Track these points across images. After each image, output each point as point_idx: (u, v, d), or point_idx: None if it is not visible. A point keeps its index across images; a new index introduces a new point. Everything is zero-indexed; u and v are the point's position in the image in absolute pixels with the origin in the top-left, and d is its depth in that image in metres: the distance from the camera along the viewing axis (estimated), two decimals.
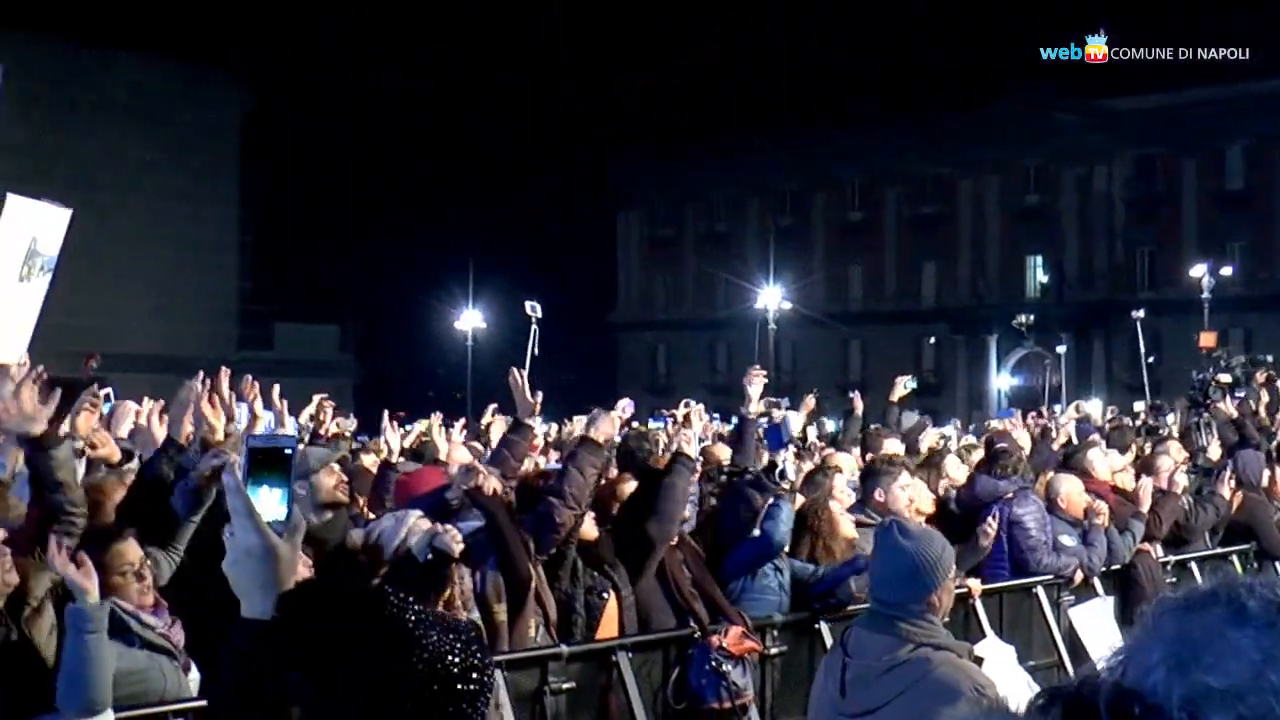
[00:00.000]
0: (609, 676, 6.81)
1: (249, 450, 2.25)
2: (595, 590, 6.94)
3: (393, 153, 75.46)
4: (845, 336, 63.50)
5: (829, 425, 17.95)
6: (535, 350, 13.23)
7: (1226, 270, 48.47)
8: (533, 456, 9.72)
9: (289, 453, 2.27)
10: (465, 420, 14.70)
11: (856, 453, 10.72)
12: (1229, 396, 14.02)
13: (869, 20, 66.41)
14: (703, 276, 67.69)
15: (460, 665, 1.82)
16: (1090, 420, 15.81)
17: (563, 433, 12.44)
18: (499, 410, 12.70)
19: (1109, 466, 10.56)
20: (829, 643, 7.21)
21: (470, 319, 54.58)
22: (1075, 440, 12.44)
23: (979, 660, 4.12)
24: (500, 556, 6.33)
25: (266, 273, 62.12)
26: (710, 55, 72.08)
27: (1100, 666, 1.37)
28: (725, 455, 9.18)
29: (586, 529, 6.91)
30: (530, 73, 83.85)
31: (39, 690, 4.69)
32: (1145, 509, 9.59)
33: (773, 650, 7.50)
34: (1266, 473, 11.55)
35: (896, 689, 3.80)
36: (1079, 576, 9.15)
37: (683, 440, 7.59)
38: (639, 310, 71.94)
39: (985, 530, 8.05)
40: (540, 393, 7.70)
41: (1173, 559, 10.02)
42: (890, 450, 10.01)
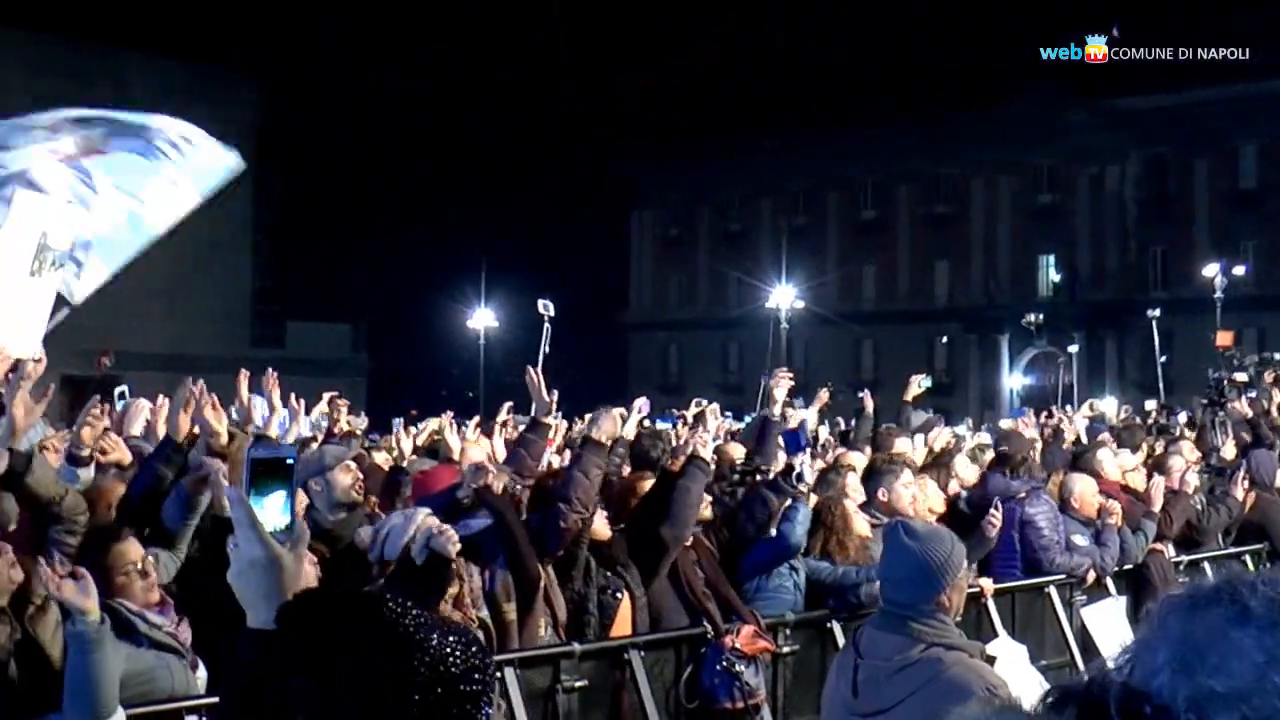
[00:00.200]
0: (621, 675, 6.81)
1: (250, 461, 2.26)
2: (609, 590, 6.93)
3: (405, 152, 75.51)
4: (858, 336, 63.35)
5: (842, 425, 17.91)
6: (547, 349, 13.22)
7: (1239, 270, 48.23)
8: (549, 454, 9.71)
9: (290, 462, 2.29)
10: (478, 419, 14.67)
11: (868, 451, 10.71)
12: (1244, 396, 13.98)
13: (869, 20, 66.13)
14: (715, 276, 67.60)
15: (462, 667, 1.82)
16: (1104, 420, 15.79)
17: (571, 431, 12.44)
18: (514, 409, 12.68)
19: (1118, 466, 10.53)
20: (841, 642, 7.20)
21: (482, 318, 54.64)
22: (1085, 439, 12.42)
23: (991, 660, 4.11)
24: (509, 555, 6.33)
25: (279, 271, 62.10)
26: (710, 55, 71.83)
27: (1108, 665, 1.37)
28: (739, 454, 9.17)
29: (599, 529, 6.91)
30: (530, 72, 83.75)
31: (44, 689, 4.67)
32: (1157, 508, 9.56)
33: (785, 650, 7.50)
34: None
35: (908, 689, 3.79)
36: (1091, 576, 9.13)
37: (697, 443, 7.53)
38: (651, 309, 71.89)
39: (991, 521, 8.00)
40: (556, 391, 7.71)
41: (1185, 559, 10.00)
42: (900, 450, 9.99)
